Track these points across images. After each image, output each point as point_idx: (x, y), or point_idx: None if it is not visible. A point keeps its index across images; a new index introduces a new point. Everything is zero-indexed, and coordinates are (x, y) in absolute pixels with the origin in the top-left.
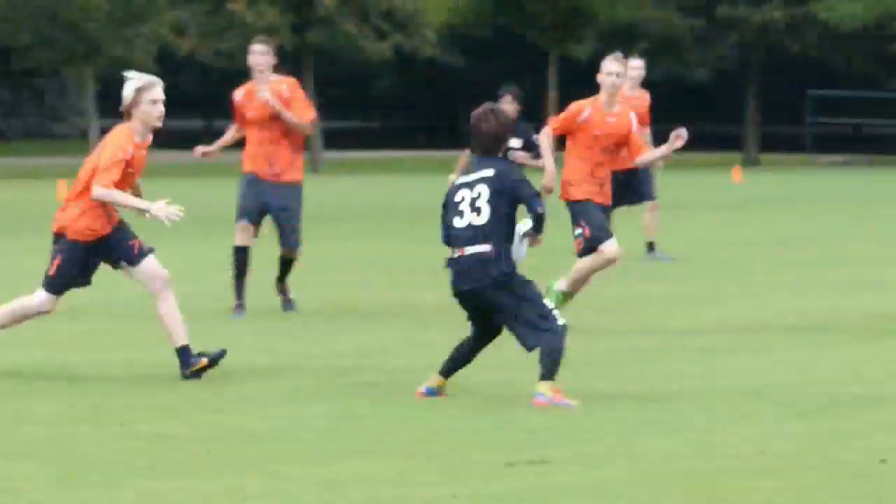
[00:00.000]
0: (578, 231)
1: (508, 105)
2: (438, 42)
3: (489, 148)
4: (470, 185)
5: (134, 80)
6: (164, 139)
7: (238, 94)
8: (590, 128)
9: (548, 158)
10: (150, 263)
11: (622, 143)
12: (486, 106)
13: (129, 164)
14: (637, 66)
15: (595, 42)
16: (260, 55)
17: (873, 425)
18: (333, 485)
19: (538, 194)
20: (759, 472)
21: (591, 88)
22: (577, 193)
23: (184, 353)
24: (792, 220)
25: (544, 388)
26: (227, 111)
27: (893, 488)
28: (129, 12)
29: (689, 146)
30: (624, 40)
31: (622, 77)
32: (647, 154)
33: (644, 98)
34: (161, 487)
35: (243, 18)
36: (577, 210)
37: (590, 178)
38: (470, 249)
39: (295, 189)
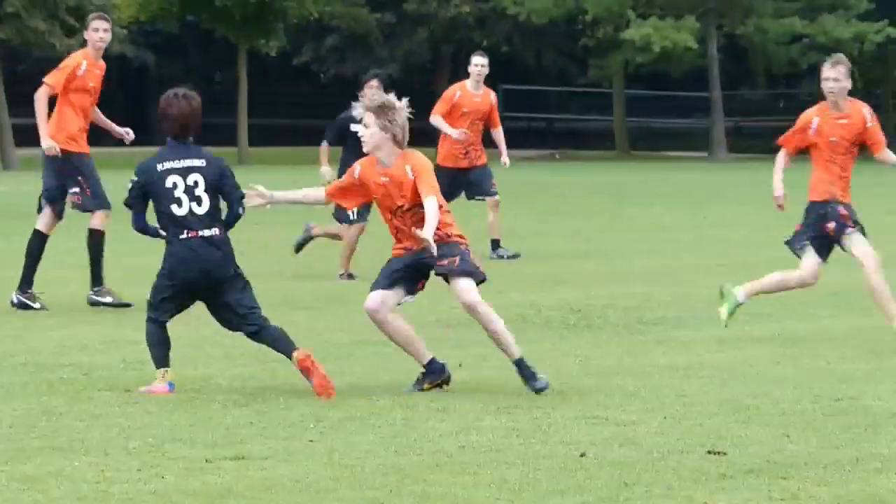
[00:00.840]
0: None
1: (376, 91)
2: (127, 38)
3: (177, 134)
4: (181, 172)
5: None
6: None
7: (83, 64)
8: (823, 136)
9: (777, 176)
10: None
11: (859, 142)
12: (176, 90)
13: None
14: (480, 63)
15: (284, 37)
16: (104, 31)
17: (572, 419)
18: (32, 481)
19: (242, 195)
20: (461, 467)
21: (281, 82)
22: (816, 195)
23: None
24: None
25: (300, 353)
26: None
27: (594, 482)
28: None
29: None
30: (314, 36)
31: (840, 80)
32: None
33: (487, 96)
34: None
35: None
36: (808, 210)
37: (836, 181)
38: (203, 233)
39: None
